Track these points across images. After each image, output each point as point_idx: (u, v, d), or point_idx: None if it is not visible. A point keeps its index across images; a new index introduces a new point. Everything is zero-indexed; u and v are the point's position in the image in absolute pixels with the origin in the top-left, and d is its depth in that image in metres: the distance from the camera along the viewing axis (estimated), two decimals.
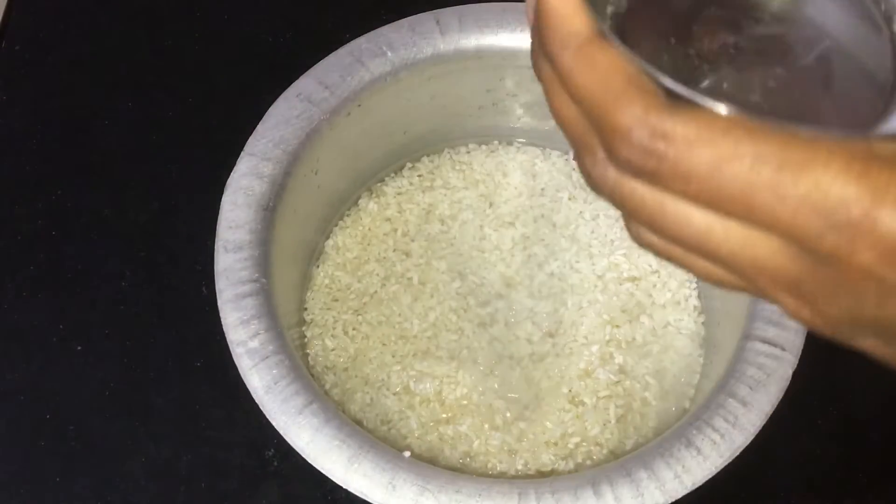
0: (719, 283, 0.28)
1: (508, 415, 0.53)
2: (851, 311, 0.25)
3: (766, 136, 0.24)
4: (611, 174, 0.26)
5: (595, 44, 0.26)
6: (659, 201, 0.26)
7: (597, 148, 0.26)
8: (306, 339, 0.55)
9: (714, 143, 0.24)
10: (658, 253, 0.28)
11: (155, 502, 0.53)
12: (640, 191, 0.26)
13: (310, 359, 0.55)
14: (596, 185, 0.27)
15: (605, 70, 0.25)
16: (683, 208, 0.25)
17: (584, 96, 0.26)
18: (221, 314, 0.46)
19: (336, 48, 0.54)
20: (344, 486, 0.42)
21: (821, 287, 0.25)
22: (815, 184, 0.23)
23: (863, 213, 0.23)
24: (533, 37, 0.28)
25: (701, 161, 0.24)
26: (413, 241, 0.58)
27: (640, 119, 0.24)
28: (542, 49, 0.27)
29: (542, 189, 0.60)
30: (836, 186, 0.23)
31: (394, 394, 0.53)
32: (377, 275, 0.57)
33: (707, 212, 0.25)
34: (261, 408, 0.44)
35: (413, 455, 0.49)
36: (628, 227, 0.29)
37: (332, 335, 0.55)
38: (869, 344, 0.27)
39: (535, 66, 0.29)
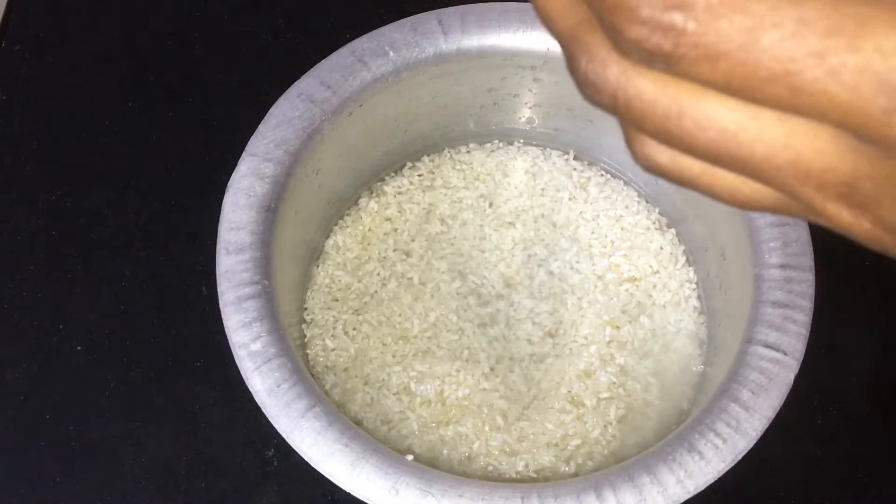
0: (747, 203, 0.23)
1: (509, 415, 0.53)
2: None
3: None
4: (612, 73, 0.21)
5: None
6: (675, 97, 0.21)
7: (593, 41, 0.21)
8: (306, 339, 0.55)
9: (745, 9, 0.19)
10: (670, 175, 0.23)
11: (155, 502, 0.53)
12: (651, 88, 0.21)
13: (310, 359, 0.55)
14: (594, 90, 0.22)
15: None
16: (706, 102, 0.20)
17: None
18: (223, 316, 0.46)
19: (337, 48, 0.54)
20: (347, 491, 0.42)
21: (885, 187, 0.20)
22: (878, 50, 0.18)
23: None
24: None
25: (730, 33, 0.19)
26: (413, 240, 0.58)
27: None
28: None
29: (543, 189, 0.60)
30: None
31: (394, 394, 0.53)
32: (377, 275, 0.57)
33: (736, 103, 0.20)
34: (263, 411, 0.44)
35: (414, 457, 0.49)
36: (632, 146, 0.23)
37: (332, 335, 0.55)
38: None
39: None
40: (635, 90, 0.21)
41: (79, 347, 0.57)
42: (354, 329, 0.56)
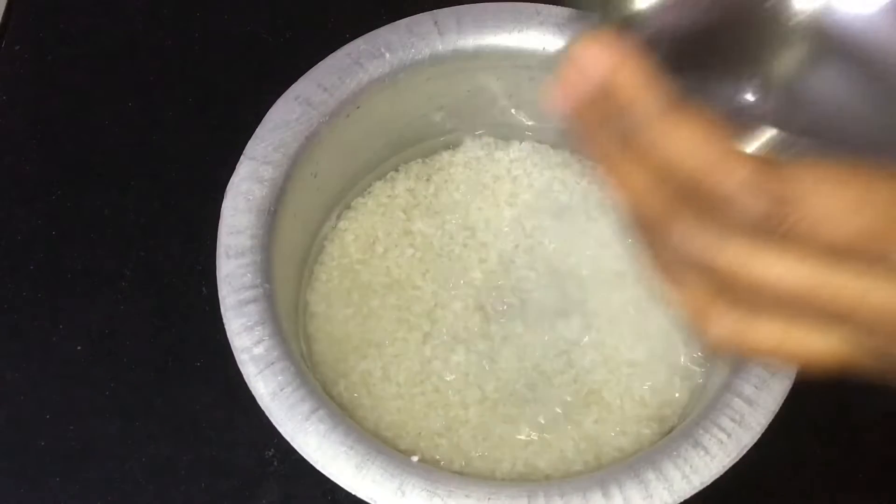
0: (818, 357, 0.26)
1: (514, 416, 0.52)
2: None
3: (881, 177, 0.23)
4: (700, 242, 0.25)
5: (681, 112, 0.24)
6: (769, 262, 0.24)
7: (682, 218, 0.25)
8: (307, 342, 0.55)
9: (835, 195, 0.23)
10: (745, 341, 0.26)
11: (155, 502, 0.53)
12: (744, 255, 0.24)
13: (311, 361, 0.55)
14: (679, 258, 0.25)
15: (698, 138, 0.24)
16: (797, 263, 0.24)
17: (680, 167, 0.24)
18: (225, 321, 0.46)
19: (337, 48, 0.54)
20: (353, 493, 0.42)
21: None
22: None
23: None
24: (585, 115, 0.26)
25: (830, 211, 0.23)
26: (414, 241, 0.58)
27: (755, 184, 0.23)
28: (610, 125, 0.25)
29: (542, 188, 0.60)
30: None
31: (398, 396, 0.53)
32: (378, 276, 0.57)
33: (824, 263, 0.24)
34: (267, 414, 0.44)
35: (420, 458, 0.49)
36: (707, 321, 0.26)
37: (332, 337, 0.55)
38: None
39: (592, 143, 0.26)
40: (728, 258, 0.24)
41: (79, 347, 0.57)
42: (355, 331, 0.55)
